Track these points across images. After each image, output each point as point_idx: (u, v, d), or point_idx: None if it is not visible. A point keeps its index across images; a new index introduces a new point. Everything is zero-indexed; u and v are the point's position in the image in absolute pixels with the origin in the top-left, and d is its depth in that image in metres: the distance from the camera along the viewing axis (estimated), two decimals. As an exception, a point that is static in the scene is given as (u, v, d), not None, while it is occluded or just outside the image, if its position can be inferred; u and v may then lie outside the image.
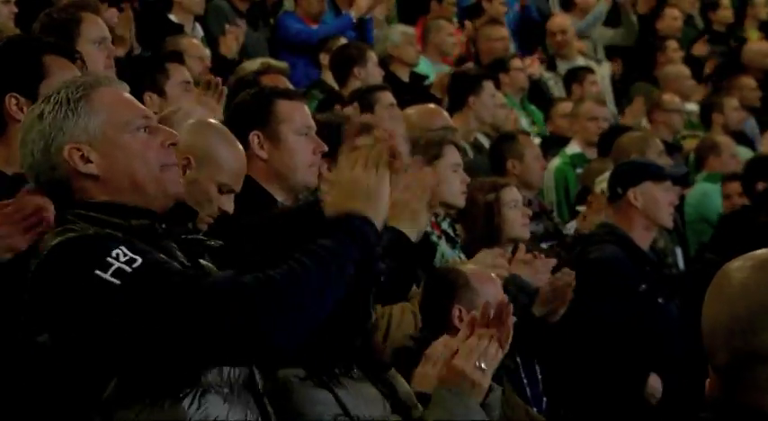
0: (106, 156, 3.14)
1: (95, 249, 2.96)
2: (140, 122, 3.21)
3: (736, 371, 2.33)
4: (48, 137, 3.16)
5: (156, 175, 3.18)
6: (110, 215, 3.12)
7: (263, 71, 6.99)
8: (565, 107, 9.32)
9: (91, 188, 3.16)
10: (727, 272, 2.40)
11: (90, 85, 3.25)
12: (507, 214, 5.80)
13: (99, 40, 5.29)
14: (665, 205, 6.21)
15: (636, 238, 6.14)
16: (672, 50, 10.97)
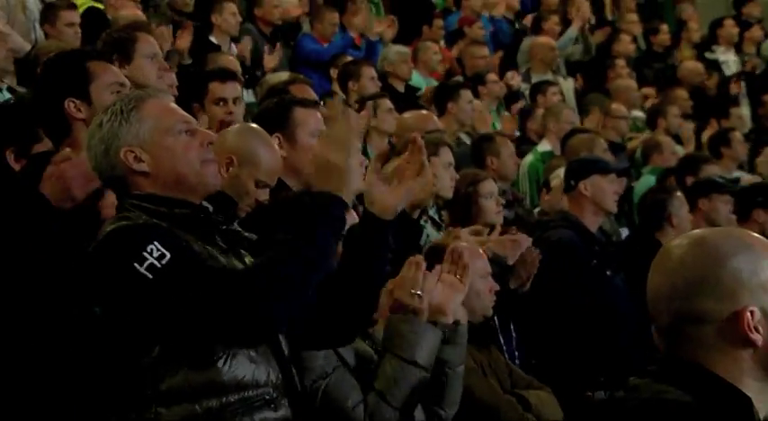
0: (154, 156, 3.16)
1: (136, 242, 2.98)
2: (182, 126, 3.22)
3: (675, 331, 2.31)
4: (107, 142, 3.19)
5: (197, 170, 3.20)
6: (158, 205, 3.14)
7: (292, 81, 6.91)
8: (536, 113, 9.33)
9: (143, 183, 3.18)
10: (669, 248, 2.37)
11: (140, 97, 3.29)
12: (483, 204, 5.76)
13: (151, 55, 5.28)
14: (611, 194, 6.19)
15: (586, 222, 6.13)
16: (620, 67, 10.97)
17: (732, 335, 2.25)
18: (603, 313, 5.64)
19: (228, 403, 3.03)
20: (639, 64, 11.88)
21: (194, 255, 3.03)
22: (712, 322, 2.26)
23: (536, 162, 8.45)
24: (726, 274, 2.26)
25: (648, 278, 2.36)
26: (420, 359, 3.60)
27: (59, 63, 4.18)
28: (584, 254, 5.95)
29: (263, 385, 3.09)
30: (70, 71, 4.03)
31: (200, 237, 3.15)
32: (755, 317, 2.23)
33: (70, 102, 3.93)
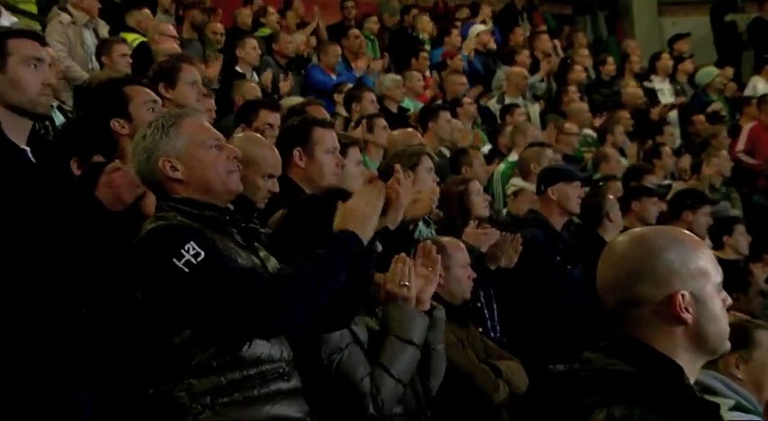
0: (188, 166, 3.16)
1: (175, 240, 2.99)
2: (212, 142, 3.21)
3: (620, 313, 2.32)
4: (148, 151, 3.18)
5: (223, 179, 3.19)
6: (189, 207, 3.14)
7: (308, 103, 6.94)
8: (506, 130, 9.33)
9: (177, 188, 3.17)
10: (613, 244, 2.41)
11: (178, 115, 3.29)
12: (474, 200, 5.72)
13: (192, 82, 5.26)
14: (574, 198, 6.17)
15: (553, 222, 6.10)
16: (573, 93, 10.93)
17: (667, 315, 2.28)
18: (563, 300, 5.65)
19: (249, 376, 3.04)
20: (590, 90, 11.86)
21: (223, 255, 3.03)
22: (650, 304, 2.29)
23: (507, 170, 8.43)
24: (660, 265, 2.29)
25: (597, 269, 2.40)
26: (414, 339, 3.59)
27: (101, 90, 4.17)
28: (550, 250, 5.94)
29: (278, 360, 3.10)
30: (111, 96, 4.03)
31: (223, 235, 3.15)
32: (686, 299, 2.27)
33: (115, 121, 3.93)
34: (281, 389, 3.08)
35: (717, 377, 3.66)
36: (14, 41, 3.59)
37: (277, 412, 3.06)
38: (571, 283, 5.78)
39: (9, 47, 3.56)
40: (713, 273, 2.32)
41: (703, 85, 12.60)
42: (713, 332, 2.31)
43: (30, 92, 3.56)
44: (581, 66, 11.93)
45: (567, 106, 10.63)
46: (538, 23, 14.26)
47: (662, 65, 12.50)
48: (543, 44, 12.42)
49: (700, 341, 2.30)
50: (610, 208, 6.46)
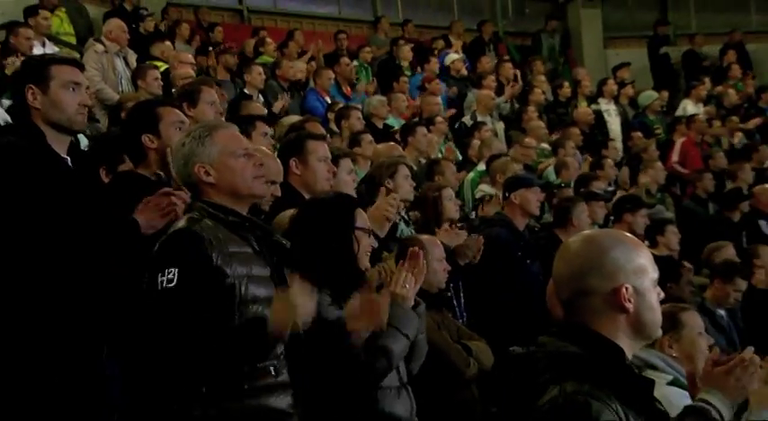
0: (219, 172, 3.15)
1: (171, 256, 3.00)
2: (241, 151, 3.21)
3: (572, 302, 2.33)
4: (186, 158, 3.18)
5: (249, 184, 3.19)
6: (216, 210, 3.11)
7: (307, 120, 7.00)
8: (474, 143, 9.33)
9: (209, 191, 3.16)
10: (567, 243, 2.42)
11: (213, 127, 3.30)
12: (446, 204, 5.71)
13: (211, 102, 5.29)
14: (534, 202, 6.19)
15: (516, 223, 6.11)
16: (532, 112, 10.91)
17: (612, 304, 2.30)
18: (523, 290, 5.66)
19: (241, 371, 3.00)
20: (547, 110, 11.85)
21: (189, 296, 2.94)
22: (598, 295, 2.30)
23: (475, 177, 8.45)
24: (608, 262, 2.31)
25: (554, 265, 2.42)
26: (409, 333, 3.58)
27: (137, 109, 4.16)
28: (512, 247, 5.95)
29: (270, 358, 3.05)
30: (145, 115, 4.01)
31: (242, 239, 3.11)
32: (629, 292, 2.30)
33: (146, 136, 3.90)
34: (269, 383, 3.04)
35: (659, 356, 3.75)
36: (56, 67, 3.59)
37: (264, 404, 3.01)
38: (530, 276, 5.78)
39: (51, 72, 3.56)
40: (651, 270, 2.35)
41: (644, 107, 12.64)
42: (650, 320, 2.33)
43: (68, 111, 3.55)
44: (540, 89, 11.94)
45: (527, 123, 10.63)
46: (502, 54, 14.26)
47: (607, 89, 12.51)
48: (507, 71, 12.43)
49: (638, 327, 2.32)
50: (577, 213, 6.46)
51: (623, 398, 2.19)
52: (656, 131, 12.08)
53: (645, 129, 12.01)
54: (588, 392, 2.16)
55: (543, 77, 12.72)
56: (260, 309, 3.05)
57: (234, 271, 3.01)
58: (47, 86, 3.53)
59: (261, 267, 3.12)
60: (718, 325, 6.22)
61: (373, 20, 14.44)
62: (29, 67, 3.69)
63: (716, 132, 11.89)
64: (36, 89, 3.53)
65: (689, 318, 3.90)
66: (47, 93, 3.53)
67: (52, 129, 3.55)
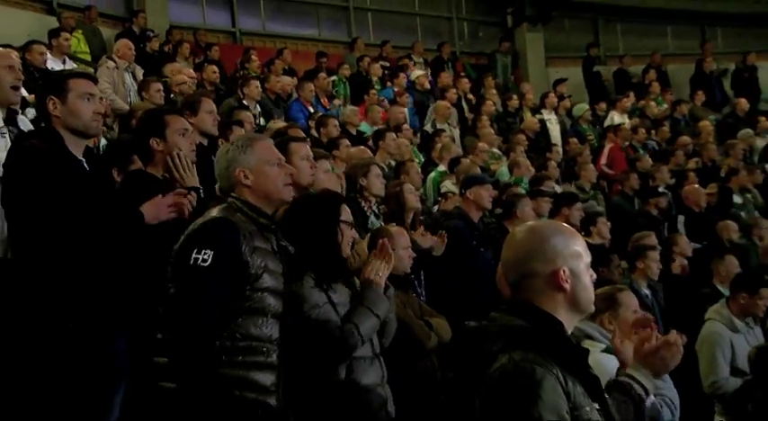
0: (256, 177, 3.15)
1: (206, 239, 2.97)
2: (275, 161, 3.21)
3: (518, 283, 2.34)
4: (229, 162, 3.18)
5: (279, 189, 3.18)
6: (251, 210, 3.11)
7: (290, 126, 6.94)
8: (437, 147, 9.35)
9: (245, 192, 3.14)
10: (513, 232, 2.43)
11: (253, 138, 3.31)
12: (407, 196, 5.70)
13: (210, 111, 5.27)
14: (486, 197, 6.22)
15: (471, 216, 6.14)
16: (485, 121, 10.91)
17: (552, 284, 2.31)
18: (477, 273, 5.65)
19: (238, 346, 2.98)
20: (498, 119, 11.87)
21: (218, 279, 2.93)
22: (540, 277, 2.32)
23: (437, 176, 8.48)
24: (548, 248, 2.33)
25: (502, 251, 2.42)
26: (380, 314, 3.59)
27: (148, 115, 4.13)
28: (468, 237, 5.95)
29: (265, 341, 3.03)
30: (153, 121, 3.97)
31: (264, 238, 3.10)
32: (566, 274, 2.32)
33: (154, 140, 3.87)
34: (258, 361, 3.00)
35: (596, 328, 3.77)
36: (73, 80, 3.60)
37: (250, 376, 2.97)
38: (483, 262, 5.78)
39: (69, 84, 3.56)
40: (585, 255, 2.37)
41: (577, 117, 12.70)
42: (584, 298, 2.34)
43: (84, 118, 3.55)
44: (491, 101, 11.96)
45: (480, 131, 10.64)
46: (459, 70, 14.27)
47: (548, 102, 12.55)
48: (464, 86, 12.46)
49: (575, 304, 2.33)
50: (521, 207, 6.49)
51: (562, 364, 2.20)
52: (590, 138, 12.14)
53: (579, 136, 12.07)
54: (533, 360, 2.17)
55: (494, 91, 12.76)
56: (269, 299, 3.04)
57: (255, 262, 3.00)
58: (65, 97, 3.54)
59: (276, 264, 3.10)
60: (643, 303, 6.27)
61: (350, 41, 14.41)
62: (49, 81, 3.71)
63: (640, 139, 11.97)
64: (56, 99, 3.53)
65: (625, 298, 3.90)
66: (65, 102, 3.53)
67: (70, 133, 3.55)
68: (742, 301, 5.60)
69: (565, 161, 10.68)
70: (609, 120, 12.75)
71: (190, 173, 3.85)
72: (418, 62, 13.58)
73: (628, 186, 9.71)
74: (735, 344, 5.41)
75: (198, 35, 12.78)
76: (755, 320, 5.69)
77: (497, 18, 16.53)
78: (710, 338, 5.38)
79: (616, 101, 13.35)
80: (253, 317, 3.00)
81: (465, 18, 16.46)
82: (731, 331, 5.47)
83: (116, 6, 12.86)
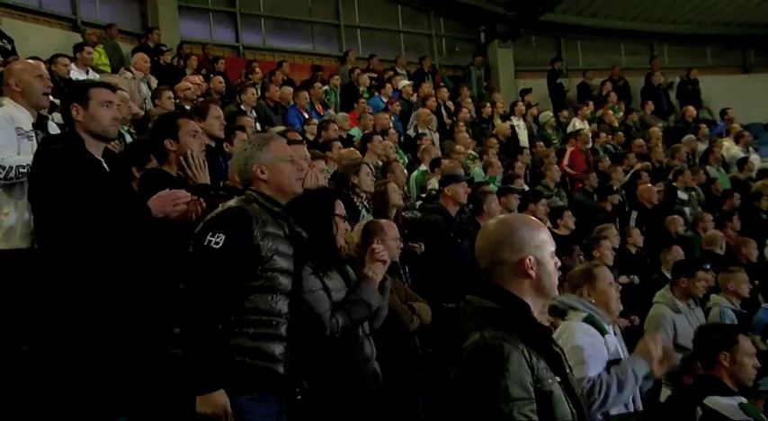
0: (271, 172, 3.16)
1: (222, 224, 2.99)
2: (289, 158, 3.22)
3: (489, 269, 2.35)
4: (247, 159, 3.19)
5: (292, 183, 3.20)
6: (265, 200, 3.13)
7: (288, 130, 6.92)
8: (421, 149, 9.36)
9: (261, 185, 3.16)
10: (486, 225, 2.44)
11: (269, 138, 3.32)
12: (391, 195, 5.71)
13: (217, 116, 5.22)
14: (462, 193, 6.21)
15: (449, 210, 6.11)
16: (461, 126, 10.91)
17: (519, 271, 2.31)
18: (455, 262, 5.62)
19: (248, 319, 2.99)
20: (473, 125, 11.86)
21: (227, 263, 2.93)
22: (509, 264, 2.32)
23: (419, 175, 8.46)
24: (516, 238, 2.33)
25: (476, 241, 2.41)
26: (372, 303, 3.62)
27: (162, 119, 4.10)
28: (447, 229, 5.93)
29: (274, 314, 3.04)
30: (168, 124, 3.94)
31: (277, 225, 3.11)
32: (532, 261, 2.32)
33: (168, 141, 3.85)
34: (268, 333, 3.01)
35: (577, 299, 3.74)
36: (94, 89, 3.59)
37: (259, 346, 2.98)
38: (460, 251, 5.76)
39: (90, 93, 3.56)
40: (549, 244, 2.37)
41: (543, 123, 12.72)
42: (548, 283, 2.35)
43: (104, 123, 3.55)
44: (467, 109, 11.95)
45: (457, 135, 10.64)
46: (438, 81, 14.25)
47: (517, 110, 12.56)
48: (443, 95, 12.44)
49: (539, 288, 2.34)
50: (488, 203, 6.49)
51: (528, 341, 2.21)
52: (554, 142, 12.15)
53: (545, 140, 12.07)
54: (501, 337, 2.18)
55: (470, 100, 12.75)
56: (280, 277, 3.05)
57: (266, 245, 3.02)
58: (87, 105, 3.53)
59: (287, 247, 3.11)
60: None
61: (341, 55, 14.38)
62: (73, 90, 3.69)
63: (600, 143, 12.02)
64: (79, 106, 3.53)
65: (600, 272, 3.85)
66: (87, 109, 3.52)
67: (91, 137, 3.53)
68: (683, 285, 5.64)
69: (532, 162, 10.69)
70: (571, 126, 12.76)
71: (201, 171, 3.82)
72: (402, 74, 13.56)
73: (588, 184, 9.74)
74: (677, 324, 5.44)
75: (206, 49, 12.74)
76: (696, 302, 5.72)
77: (472, 35, 16.53)
78: (656, 319, 5.41)
79: (577, 109, 13.37)
80: (264, 294, 3.01)
81: (443, 35, 16.43)
82: (674, 312, 5.50)
83: (133, 24, 12.82)
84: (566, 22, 16.58)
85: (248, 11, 14.33)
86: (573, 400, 2.25)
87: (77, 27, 11.81)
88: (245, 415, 2.91)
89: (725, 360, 3.78)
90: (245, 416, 2.91)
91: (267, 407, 2.99)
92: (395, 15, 15.88)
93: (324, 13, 15.16)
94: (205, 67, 11.69)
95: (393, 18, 15.87)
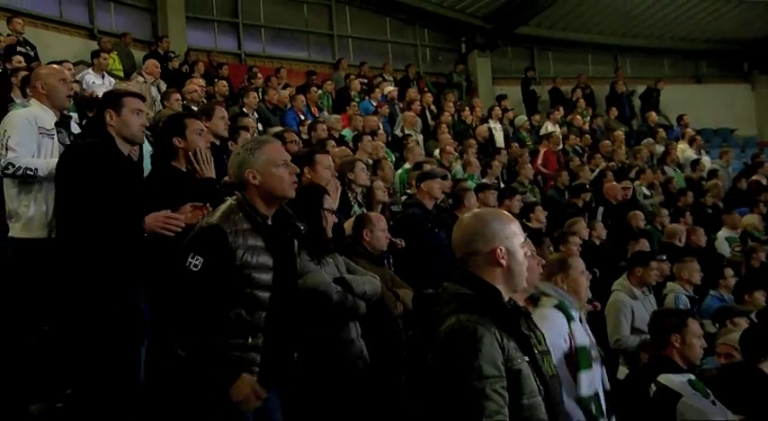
0: (263, 177, 2.91)
1: (199, 244, 2.79)
2: (281, 162, 2.96)
3: (464, 259, 2.34)
4: (241, 163, 2.94)
5: (284, 187, 2.93)
6: (250, 209, 2.89)
7: (285, 131, 6.91)
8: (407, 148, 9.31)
9: (253, 191, 2.92)
10: (462, 218, 2.43)
11: (262, 141, 3.05)
12: (376, 192, 5.71)
13: (222, 117, 5.12)
14: (437, 189, 6.16)
15: (425, 203, 6.05)
16: (444, 128, 10.86)
17: (491, 261, 2.31)
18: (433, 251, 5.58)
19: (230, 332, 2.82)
20: (454, 127, 11.83)
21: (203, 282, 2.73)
22: (482, 254, 2.32)
23: (403, 174, 8.41)
24: (488, 230, 2.32)
25: (452, 234, 2.40)
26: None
27: (171, 119, 4.07)
28: (424, 220, 5.91)
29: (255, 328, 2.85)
30: (176, 123, 3.91)
31: (258, 233, 2.88)
32: (503, 251, 2.30)
33: (176, 139, 3.82)
34: (246, 343, 2.82)
35: (551, 286, 3.68)
36: (127, 98, 3.62)
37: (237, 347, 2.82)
38: (438, 240, 5.72)
39: (124, 101, 3.59)
40: (520, 236, 2.36)
41: (518, 126, 12.71)
42: (518, 271, 2.34)
43: (133, 129, 3.59)
44: (448, 112, 11.92)
45: (440, 136, 10.61)
46: (422, 87, 14.22)
47: (494, 113, 12.55)
48: (427, 99, 12.40)
49: (510, 276, 2.33)
50: (467, 198, 6.48)
51: (499, 324, 2.21)
52: (528, 144, 12.15)
53: (520, 141, 12.08)
54: (475, 320, 2.18)
55: (451, 104, 12.73)
56: (259, 293, 2.84)
57: (250, 260, 2.81)
58: (120, 111, 3.56)
59: (267, 257, 2.87)
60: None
61: (334, 62, 14.32)
62: (108, 97, 3.71)
63: (571, 144, 12.04)
64: (112, 112, 3.56)
65: (573, 262, 3.84)
66: (120, 115, 3.55)
67: (121, 140, 3.57)
68: (638, 274, 5.66)
69: (508, 162, 10.70)
70: (543, 129, 12.77)
71: (207, 165, 3.80)
72: (389, 80, 13.52)
73: (560, 182, 9.75)
74: (634, 309, 5.46)
75: (211, 56, 12.66)
76: (649, 289, 5.75)
77: (454, 45, 16.49)
78: (615, 305, 5.43)
79: (549, 113, 13.37)
80: (243, 309, 2.82)
81: (427, 45, 16.39)
82: (631, 299, 5.52)
83: (145, 33, 12.75)
84: (539, 35, 16.60)
85: (250, 21, 14.27)
86: (541, 378, 2.26)
87: (94, 35, 11.76)
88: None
89: (676, 341, 3.80)
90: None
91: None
92: (383, 27, 15.83)
93: (319, 23, 15.10)
94: (210, 72, 11.63)
95: (382, 29, 15.82)
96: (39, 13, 11.18)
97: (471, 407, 2.08)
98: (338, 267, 3.81)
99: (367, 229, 4.44)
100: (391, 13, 15.74)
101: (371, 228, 4.44)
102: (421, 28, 16.19)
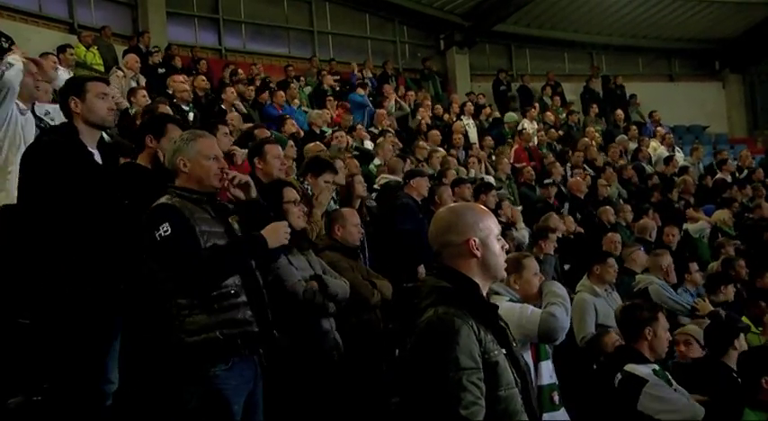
0: (193, 166, 3.07)
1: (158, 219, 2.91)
2: (212, 155, 3.11)
3: (440, 251, 2.34)
4: (175, 152, 3.11)
5: (210, 178, 3.08)
6: (182, 192, 3.03)
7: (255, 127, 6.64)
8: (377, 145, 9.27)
9: (184, 178, 3.08)
10: (438, 211, 2.43)
11: (197, 135, 3.19)
12: (357, 186, 5.70)
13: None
14: (424, 185, 6.23)
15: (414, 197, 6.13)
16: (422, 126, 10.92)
17: (466, 252, 2.31)
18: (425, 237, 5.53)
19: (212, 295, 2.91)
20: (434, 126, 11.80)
21: (185, 236, 2.88)
22: (456, 246, 2.31)
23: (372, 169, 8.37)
24: (461, 223, 2.32)
25: (429, 228, 2.40)
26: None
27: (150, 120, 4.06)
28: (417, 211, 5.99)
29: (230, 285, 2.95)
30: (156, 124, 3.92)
31: (202, 209, 3.02)
32: (477, 243, 2.30)
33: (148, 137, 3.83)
34: (231, 303, 2.93)
35: (502, 286, 3.73)
36: (90, 83, 3.55)
37: (228, 317, 2.91)
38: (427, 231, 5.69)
39: (87, 86, 3.51)
40: (494, 228, 2.36)
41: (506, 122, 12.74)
42: (493, 263, 2.34)
43: (100, 114, 3.49)
44: (426, 111, 11.93)
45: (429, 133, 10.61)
46: (400, 83, 14.20)
47: (467, 109, 12.62)
48: (409, 97, 12.39)
49: (486, 268, 2.33)
50: (440, 194, 6.48)
51: (477, 316, 2.21)
52: (509, 141, 12.15)
53: (500, 138, 12.09)
54: (453, 313, 2.18)
55: (429, 102, 12.74)
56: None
57: (200, 227, 2.94)
58: (84, 97, 3.48)
59: (217, 225, 3.03)
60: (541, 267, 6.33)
61: (310, 58, 14.24)
62: (71, 84, 3.63)
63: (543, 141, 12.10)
64: (77, 99, 3.48)
65: (528, 262, 3.87)
66: (84, 101, 3.48)
67: (89, 127, 3.48)
68: (597, 272, 5.67)
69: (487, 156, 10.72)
70: (520, 126, 12.82)
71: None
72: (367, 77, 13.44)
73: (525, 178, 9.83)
74: (597, 307, 5.47)
75: (193, 51, 12.56)
76: (612, 287, 5.75)
77: (432, 42, 16.49)
78: (579, 304, 5.43)
79: (525, 111, 13.43)
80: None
81: (406, 41, 16.38)
82: (594, 297, 5.53)
83: (125, 27, 12.61)
84: (516, 32, 16.66)
85: (230, 17, 14.17)
86: (517, 370, 2.26)
87: (74, 29, 11.57)
88: (221, 384, 2.85)
89: (648, 334, 3.85)
90: (222, 385, 2.85)
91: (243, 374, 2.94)
92: (363, 23, 15.79)
93: (299, 20, 15.03)
94: (190, 67, 11.52)
95: (361, 26, 15.78)
96: (17, 7, 10.97)
97: (448, 397, 2.08)
98: (312, 265, 3.83)
99: (338, 225, 4.49)
100: (371, 9, 15.71)
101: (343, 223, 4.49)
102: (400, 25, 16.18)
